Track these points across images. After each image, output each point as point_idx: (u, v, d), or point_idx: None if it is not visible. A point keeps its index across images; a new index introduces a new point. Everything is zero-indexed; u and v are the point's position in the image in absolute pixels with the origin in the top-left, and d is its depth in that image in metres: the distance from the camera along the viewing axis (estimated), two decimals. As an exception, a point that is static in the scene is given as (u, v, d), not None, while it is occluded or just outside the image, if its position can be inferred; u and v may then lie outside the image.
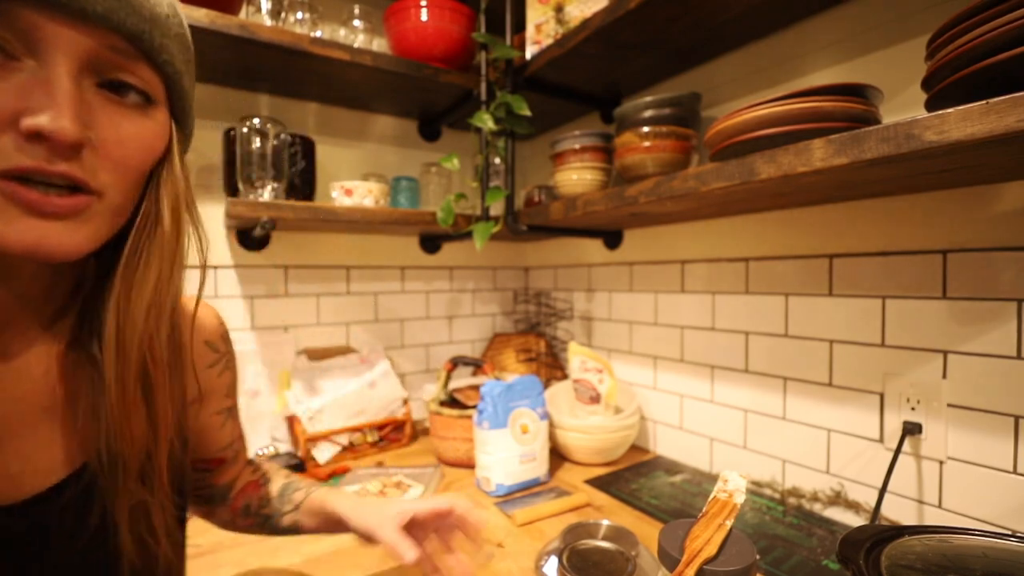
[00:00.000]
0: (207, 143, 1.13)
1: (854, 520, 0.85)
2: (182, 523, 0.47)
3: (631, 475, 1.07)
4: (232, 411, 0.55)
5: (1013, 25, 0.45)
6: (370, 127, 1.37)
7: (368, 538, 0.51)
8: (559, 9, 1.06)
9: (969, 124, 0.47)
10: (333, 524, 0.55)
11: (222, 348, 0.53)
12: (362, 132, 1.36)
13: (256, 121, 1.02)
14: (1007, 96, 0.44)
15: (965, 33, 0.49)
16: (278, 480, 0.60)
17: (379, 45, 1.22)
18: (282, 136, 1.05)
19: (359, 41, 1.17)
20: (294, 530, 0.57)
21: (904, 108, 0.75)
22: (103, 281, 0.37)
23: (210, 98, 1.15)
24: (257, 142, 1.02)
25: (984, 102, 0.46)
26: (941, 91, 0.53)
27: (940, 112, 0.49)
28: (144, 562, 0.39)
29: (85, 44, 0.30)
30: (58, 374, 0.37)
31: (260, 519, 0.57)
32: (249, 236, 1.19)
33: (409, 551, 0.47)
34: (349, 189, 1.12)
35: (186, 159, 0.40)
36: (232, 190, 1.09)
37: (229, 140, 1.08)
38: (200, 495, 0.57)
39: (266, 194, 1.03)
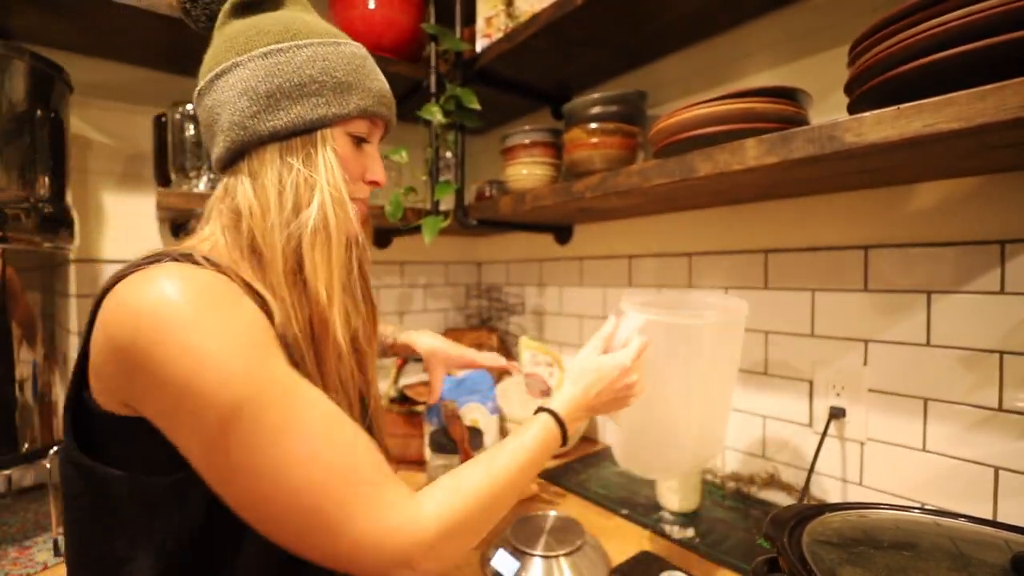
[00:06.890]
0: (136, 129, 1.06)
1: (786, 500, 0.90)
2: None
3: (580, 466, 1.09)
4: None
5: (922, 36, 0.48)
6: (316, 117, 1.32)
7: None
8: (509, 3, 1.05)
9: (883, 128, 0.50)
10: (409, 351, 0.89)
11: None
12: (307, 122, 1.30)
13: (189, 107, 0.96)
14: (915, 103, 0.48)
15: (881, 42, 0.52)
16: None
17: (324, 32, 1.17)
18: (219, 124, 1.00)
19: (302, 27, 1.12)
20: (392, 354, 0.90)
21: (832, 111, 0.79)
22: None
23: (139, 82, 1.07)
24: (191, 129, 0.96)
25: (896, 107, 0.49)
26: (860, 96, 0.57)
27: (858, 116, 0.52)
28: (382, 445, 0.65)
29: (382, 132, 0.59)
30: None
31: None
32: (184, 229, 1.12)
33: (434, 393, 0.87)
34: (293, 181, 1.08)
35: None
36: (164, 180, 1.02)
37: (160, 127, 1.02)
38: None
39: (202, 184, 0.98)
